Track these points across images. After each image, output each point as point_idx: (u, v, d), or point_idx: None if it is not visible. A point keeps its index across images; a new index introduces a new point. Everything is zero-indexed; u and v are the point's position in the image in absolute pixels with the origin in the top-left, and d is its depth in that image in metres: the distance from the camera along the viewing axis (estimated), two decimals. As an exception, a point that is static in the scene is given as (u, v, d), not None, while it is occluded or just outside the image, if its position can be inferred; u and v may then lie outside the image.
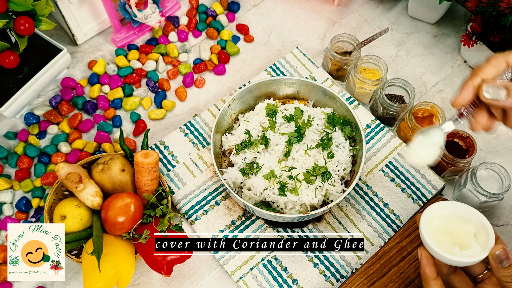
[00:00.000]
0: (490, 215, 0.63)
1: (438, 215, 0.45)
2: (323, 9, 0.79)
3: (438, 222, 0.45)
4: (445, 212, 0.45)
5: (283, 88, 0.65)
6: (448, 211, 0.45)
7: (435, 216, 0.45)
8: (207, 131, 0.67)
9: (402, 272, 0.56)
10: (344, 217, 0.61)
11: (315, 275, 0.57)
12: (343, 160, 0.59)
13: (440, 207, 0.45)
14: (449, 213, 0.45)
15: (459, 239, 0.44)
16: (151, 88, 0.72)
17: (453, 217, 0.45)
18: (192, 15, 0.78)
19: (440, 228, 0.45)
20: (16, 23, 0.57)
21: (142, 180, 0.57)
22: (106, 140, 0.67)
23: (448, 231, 0.44)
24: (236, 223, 0.61)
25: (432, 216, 0.45)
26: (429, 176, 0.63)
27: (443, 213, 0.45)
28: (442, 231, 0.44)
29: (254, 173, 0.58)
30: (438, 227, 0.45)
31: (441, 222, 0.45)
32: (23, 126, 0.69)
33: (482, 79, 0.35)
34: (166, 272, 0.53)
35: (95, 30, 0.75)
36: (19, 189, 0.64)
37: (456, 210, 0.45)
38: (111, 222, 0.54)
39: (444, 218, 0.45)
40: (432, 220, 0.45)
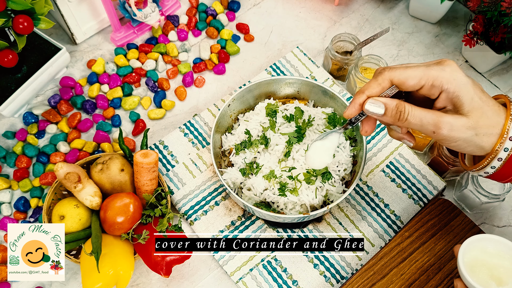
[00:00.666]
0: (491, 216, 0.62)
1: (477, 247, 0.46)
2: (324, 8, 0.79)
3: (476, 255, 0.45)
4: (484, 244, 0.46)
5: (283, 88, 0.65)
6: (487, 244, 0.46)
7: (474, 248, 0.46)
8: (206, 131, 0.66)
9: (403, 273, 0.55)
10: (344, 218, 0.61)
11: (315, 276, 0.57)
12: (344, 160, 0.59)
13: (479, 240, 0.46)
14: (487, 246, 0.46)
15: (496, 274, 0.44)
16: (151, 87, 0.71)
17: (491, 250, 0.46)
18: (192, 14, 0.78)
19: (478, 261, 0.45)
20: (15, 21, 0.57)
21: (141, 180, 0.57)
22: (105, 139, 0.67)
23: (486, 265, 0.45)
24: (236, 224, 0.60)
25: (471, 248, 0.46)
26: (430, 176, 0.62)
27: (481, 246, 0.46)
28: (480, 264, 0.45)
29: (254, 173, 0.58)
30: (475, 260, 0.45)
31: (479, 254, 0.45)
32: (22, 125, 0.69)
33: (367, 96, 0.40)
34: (165, 272, 0.53)
35: (94, 29, 0.75)
36: (18, 189, 0.64)
37: (495, 244, 0.46)
38: (110, 222, 0.54)
39: (482, 251, 0.46)
40: (470, 252, 0.45)
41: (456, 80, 0.38)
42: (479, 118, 0.39)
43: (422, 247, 0.56)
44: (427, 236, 0.57)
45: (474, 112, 0.38)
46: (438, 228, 0.57)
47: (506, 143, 0.39)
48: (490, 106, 0.39)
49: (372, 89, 0.40)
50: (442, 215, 0.58)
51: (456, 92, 0.38)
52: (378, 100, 0.40)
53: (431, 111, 0.39)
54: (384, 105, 0.39)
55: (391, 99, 0.40)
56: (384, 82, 0.39)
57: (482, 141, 0.40)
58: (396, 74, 0.38)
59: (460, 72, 0.38)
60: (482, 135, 0.39)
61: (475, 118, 0.39)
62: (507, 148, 0.39)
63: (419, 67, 0.39)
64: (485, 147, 0.40)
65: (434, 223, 0.58)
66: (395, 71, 0.39)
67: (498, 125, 0.39)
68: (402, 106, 0.39)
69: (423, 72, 0.38)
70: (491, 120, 0.39)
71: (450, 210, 0.59)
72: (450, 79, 0.37)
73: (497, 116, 0.39)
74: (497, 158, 0.39)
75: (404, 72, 0.38)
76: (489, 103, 0.39)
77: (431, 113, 0.39)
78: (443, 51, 0.75)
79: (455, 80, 0.37)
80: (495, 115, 0.39)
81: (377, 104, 0.39)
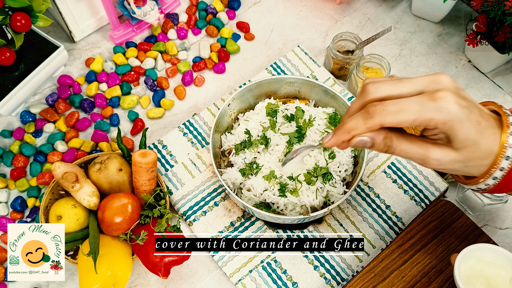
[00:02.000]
0: (494, 217, 0.62)
1: (474, 256, 0.45)
2: (325, 7, 0.79)
3: (473, 264, 0.45)
4: (481, 254, 0.45)
5: (284, 87, 0.64)
6: (484, 254, 0.45)
7: (471, 258, 0.45)
8: (206, 131, 0.66)
9: (404, 275, 0.55)
10: (345, 219, 0.60)
11: (315, 277, 0.57)
12: (345, 161, 0.58)
13: (476, 249, 0.45)
14: (484, 256, 0.45)
15: (493, 284, 0.44)
16: (150, 86, 0.71)
17: (489, 260, 0.45)
18: (191, 12, 0.77)
19: (475, 271, 0.45)
20: (13, 19, 0.57)
21: (139, 180, 0.56)
22: (103, 139, 0.66)
23: (483, 275, 0.44)
24: (236, 225, 0.60)
25: (467, 258, 0.45)
26: (432, 177, 0.62)
27: (478, 255, 0.45)
28: (477, 274, 0.45)
29: (254, 173, 0.58)
30: (472, 270, 0.45)
31: (476, 264, 0.45)
32: (19, 124, 0.68)
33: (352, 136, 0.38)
34: (163, 274, 0.53)
35: (93, 27, 0.74)
36: (15, 189, 0.64)
37: (493, 254, 0.45)
38: (108, 222, 0.53)
39: (479, 261, 0.45)
40: (467, 262, 0.45)
41: (451, 120, 0.35)
42: (471, 153, 0.37)
43: (423, 249, 0.56)
44: (429, 238, 0.56)
45: (466, 149, 0.37)
46: (440, 230, 0.57)
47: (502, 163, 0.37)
48: (485, 137, 0.37)
49: (359, 131, 0.37)
50: (444, 217, 0.58)
51: (450, 130, 0.36)
52: (365, 136, 0.37)
53: (419, 143, 0.38)
54: (371, 140, 0.37)
55: (378, 131, 0.37)
56: (374, 126, 0.37)
57: (471, 171, 0.38)
58: (388, 120, 0.36)
59: (456, 106, 0.35)
60: (471, 166, 0.38)
61: (466, 154, 0.37)
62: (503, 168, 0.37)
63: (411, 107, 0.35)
64: (475, 174, 0.39)
65: (436, 225, 0.57)
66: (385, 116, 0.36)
67: (490, 156, 0.37)
68: (390, 140, 0.37)
69: (417, 115, 0.35)
70: (484, 153, 0.37)
71: (452, 212, 0.58)
72: (446, 119, 0.35)
73: (492, 145, 0.37)
74: (492, 177, 0.38)
75: (396, 117, 0.35)
76: (485, 134, 0.37)
77: (419, 147, 0.37)
78: (446, 51, 0.75)
79: (450, 120, 0.35)
80: (490, 146, 0.37)
81: (364, 140, 0.37)
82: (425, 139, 0.38)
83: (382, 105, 0.36)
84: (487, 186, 0.39)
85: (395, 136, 0.38)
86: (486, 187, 0.39)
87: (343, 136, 0.38)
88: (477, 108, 0.37)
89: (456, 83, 0.37)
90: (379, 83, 0.37)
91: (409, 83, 0.37)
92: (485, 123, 0.37)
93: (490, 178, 0.38)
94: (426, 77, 0.37)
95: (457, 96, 0.35)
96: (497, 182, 0.38)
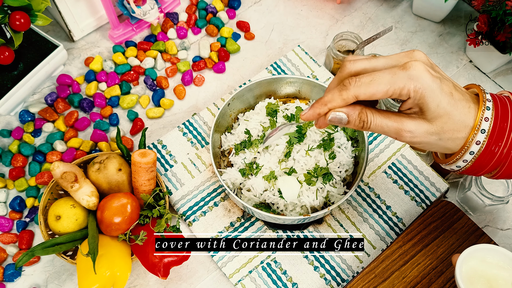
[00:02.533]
0: (495, 218, 0.61)
1: (476, 257, 0.45)
2: (326, 6, 0.78)
3: (475, 265, 0.45)
4: (483, 254, 0.45)
5: (284, 87, 0.64)
6: (486, 254, 0.45)
7: (472, 258, 0.45)
8: (206, 131, 0.66)
9: (405, 276, 0.55)
10: (345, 220, 0.60)
11: (315, 278, 0.56)
12: (345, 161, 0.58)
13: (478, 250, 0.45)
14: (487, 256, 0.45)
15: (495, 286, 0.43)
16: (149, 86, 0.71)
17: (491, 261, 0.45)
18: (191, 11, 0.77)
19: (477, 271, 0.44)
20: (12, 18, 0.57)
21: (139, 180, 0.56)
22: (103, 138, 0.66)
23: (484, 276, 0.44)
24: (235, 225, 0.60)
25: (469, 259, 0.45)
26: (433, 178, 0.61)
27: (480, 256, 0.45)
28: (478, 275, 0.44)
29: (253, 173, 0.57)
30: (474, 271, 0.44)
31: (478, 265, 0.45)
32: (18, 123, 0.68)
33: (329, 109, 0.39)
34: (163, 274, 0.53)
35: (92, 26, 0.74)
36: (13, 188, 0.63)
37: (495, 254, 0.45)
38: (107, 222, 0.53)
39: (481, 261, 0.45)
40: (468, 263, 0.45)
41: (422, 87, 0.36)
42: (444, 124, 0.37)
43: (424, 250, 0.56)
44: (430, 239, 0.56)
45: (439, 119, 0.37)
46: (440, 230, 0.57)
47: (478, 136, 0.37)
48: (459, 109, 0.37)
49: (335, 103, 0.38)
50: (445, 218, 0.58)
51: (422, 99, 0.37)
52: (341, 111, 0.39)
53: (393, 117, 0.39)
54: (346, 116, 0.39)
55: (353, 107, 0.39)
56: (348, 99, 0.38)
57: (447, 145, 0.39)
58: (362, 91, 0.37)
59: (427, 74, 0.36)
60: (446, 139, 0.38)
61: (439, 125, 0.37)
62: (479, 142, 0.37)
63: (384, 77, 0.37)
64: (451, 149, 0.39)
65: (436, 225, 0.57)
66: (359, 87, 0.37)
67: (465, 129, 0.38)
68: (365, 115, 0.39)
69: (389, 84, 0.36)
70: (457, 125, 0.38)
71: (453, 213, 0.58)
72: (417, 87, 0.36)
73: (466, 118, 0.38)
74: (469, 151, 0.38)
75: (369, 88, 0.37)
76: (458, 105, 0.37)
77: (393, 120, 0.38)
78: (447, 51, 0.74)
79: (421, 87, 0.36)
80: (463, 118, 0.38)
81: (340, 116, 0.39)
82: (400, 113, 0.39)
83: (356, 77, 0.37)
84: (466, 163, 0.39)
85: (370, 112, 0.39)
86: (464, 165, 0.40)
87: (319, 108, 0.39)
88: (450, 81, 0.38)
89: (430, 59, 0.38)
90: (356, 59, 0.39)
91: (384, 58, 0.39)
92: (459, 96, 0.38)
93: (467, 153, 0.38)
94: (400, 53, 0.39)
95: (429, 67, 0.37)
96: (474, 158, 0.38)
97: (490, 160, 0.39)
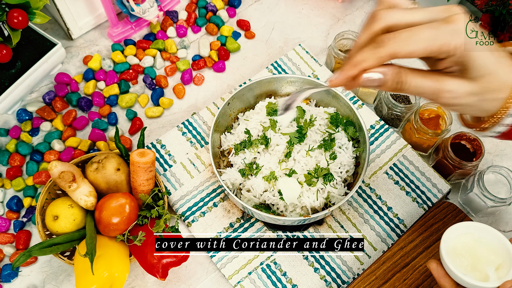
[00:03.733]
0: (498, 220, 0.61)
1: (472, 234, 0.44)
2: (327, 5, 0.78)
3: (468, 241, 0.44)
4: (481, 235, 0.44)
5: (284, 87, 0.64)
6: (485, 235, 0.44)
7: (468, 234, 0.44)
8: (205, 130, 0.65)
9: (406, 278, 0.54)
10: (346, 221, 0.59)
11: (315, 280, 0.56)
12: (346, 161, 0.57)
13: (479, 228, 0.44)
14: (483, 237, 0.44)
15: (477, 265, 0.43)
16: (148, 85, 0.70)
17: (485, 242, 0.44)
18: (191, 9, 0.77)
19: (466, 246, 0.44)
20: (9, 16, 0.56)
21: (137, 180, 0.56)
22: (101, 138, 0.66)
23: (472, 254, 0.43)
24: (235, 226, 0.59)
25: (464, 233, 0.44)
26: (434, 179, 0.61)
27: (478, 235, 0.44)
28: (466, 250, 0.44)
29: (253, 174, 0.57)
30: (464, 244, 0.44)
31: (470, 242, 0.44)
32: (15, 122, 0.67)
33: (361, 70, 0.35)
34: (161, 275, 0.52)
35: (91, 24, 0.74)
36: (11, 188, 0.63)
37: (492, 238, 0.44)
38: (105, 223, 0.53)
39: (475, 241, 0.44)
40: (462, 237, 0.44)
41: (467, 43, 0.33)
42: (488, 84, 0.34)
43: (425, 252, 0.55)
44: (431, 241, 0.56)
45: (483, 78, 0.34)
46: (442, 232, 0.56)
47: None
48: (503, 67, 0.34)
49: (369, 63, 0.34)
50: (447, 219, 0.57)
51: (466, 56, 0.33)
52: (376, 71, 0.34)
53: (432, 77, 0.35)
54: (383, 76, 0.35)
55: (389, 67, 0.35)
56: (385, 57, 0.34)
57: (488, 106, 0.35)
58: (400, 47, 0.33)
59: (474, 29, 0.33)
60: (487, 100, 0.35)
61: (482, 84, 0.34)
62: None
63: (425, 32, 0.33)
64: (490, 111, 0.36)
65: (438, 227, 0.57)
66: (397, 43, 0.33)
67: (506, 89, 0.34)
68: (402, 75, 0.35)
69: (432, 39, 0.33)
70: (500, 84, 0.34)
71: (455, 214, 0.57)
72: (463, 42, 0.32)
73: (509, 76, 0.34)
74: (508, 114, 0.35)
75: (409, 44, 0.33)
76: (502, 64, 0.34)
77: (432, 80, 0.35)
78: (449, 50, 0.74)
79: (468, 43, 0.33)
80: (507, 76, 0.34)
81: (374, 77, 0.35)
82: (438, 72, 0.36)
83: (393, 33, 0.33)
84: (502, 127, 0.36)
85: (407, 70, 0.35)
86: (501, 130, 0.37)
87: (350, 70, 0.35)
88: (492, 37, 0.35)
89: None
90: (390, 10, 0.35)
91: (422, 11, 0.34)
92: (502, 54, 0.35)
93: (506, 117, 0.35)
94: (438, 7, 0.35)
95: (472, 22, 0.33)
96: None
97: None
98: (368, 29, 0.35)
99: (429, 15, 0.34)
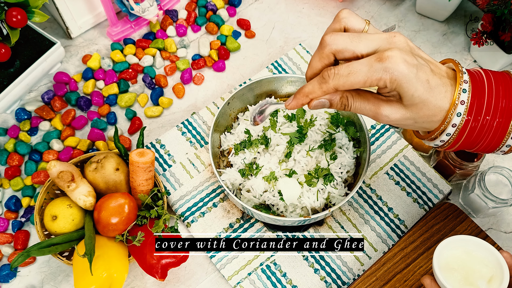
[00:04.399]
0: (499, 221, 0.61)
1: (462, 247, 0.45)
2: (328, 4, 0.77)
3: (459, 255, 0.45)
4: (471, 248, 0.45)
5: (285, 86, 0.63)
6: (474, 248, 0.45)
7: (459, 247, 0.45)
8: (205, 130, 0.65)
9: (406, 279, 0.54)
10: (346, 221, 0.59)
11: (315, 281, 0.56)
12: (347, 162, 0.57)
13: (466, 241, 0.45)
14: (474, 251, 0.45)
15: (470, 279, 0.43)
16: (148, 84, 0.70)
17: (476, 255, 0.44)
18: (191, 9, 0.76)
19: (459, 260, 0.44)
20: (8, 14, 0.56)
21: (137, 180, 0.56)
22: (100, 137, 0.65)
23: (464, 267, 0.44)
24: (234, 226, 0.59)
25: (455, 247, 0.45)
26: (435, 180, 0.61)
27: (467, 248, 0.45)
28: (458, 265, 0.44)
29: (253, 174, 0.57)
30: (456, 259, 0.44)
31: (462, 255, 0.45)
32: (14, 122, 0.67)
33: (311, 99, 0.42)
34: (160, 276, 0.52)
35: (90, 23, 0.73)
36: (9, 188, 0.63)
37: (482, 250, 0.44)
38: (104, 223, 0.53)
39: (467, 254, 0.45)
40: (453, 250, 0.45)
41: (397, 78, 0.37)
42: (419, 110, 0.39)
43: (426, 253, 0.55)
44: (432, 242, 0.55)
45: (414, 106, 0.39)
46: (443, 233, 0.56)
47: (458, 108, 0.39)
48: (435, 95, 0.38)
49: (316, 95, 0.41)
50: (448, 220, 0.57)
51: (397, 89, 0.38)
52: (324, 99, 0.42)
53: (372, 101, 0.41)
54: (329, 102, 0.42)
55: (335, 93, 0.41)
56: (328, 90, 0.40)
57: (424, 126, 0.41)
58: (341, 83, 0.39)
59: (402, 65, 0.37)
60: (422, 123, 0.40)
61: (414, 110, 0.39)
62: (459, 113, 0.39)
63: (361, 69, 0.38)
64: (428, 128, 0.41)
65: (439, 228, 0.56)
66: (338, 80, 0.39)
67: (440, 113, 0.39)
68: (345, 99, 0.41)
69: (367, 76, 0.38)
70: (432, 110, 0.39)
71: (456, 215, 0.57)
72: (393, 78, 0.37)
73: (442, 102, 0.39)
74: (445, 133, 0.40)
75: (348, 80, 0.38)
76: (435, 92, 0.38)
77: (371, 104, 0.41)
78: (451, 50, 0.73)
79: (397, 78, 0.37)
80: (439, 103, 0.39)
81: (323, 102, 0.42)
82: (379, 96, 0.41)
83: (335, 69, 0.39)
84: (443, 142, 0.41)
85: (350, 95, 0.41)
86: (442, 144, 0.42)
87: (302, 99, 0.42)
88: (429, 67, 0.39)
89: (411, 42, 0.40)
90: (337, 34, 0.40)
91: (366, 39, 0.39)
92: (436, 82, 0.39)
93: (443, 134, 0.40)
94: (382, 35, 0.39)
95: (407, 54, 0.38)
96: (452, 139, 0.40)
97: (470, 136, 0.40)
98: (318, 53, 0.41)
99: (371, 45, 0.39)
